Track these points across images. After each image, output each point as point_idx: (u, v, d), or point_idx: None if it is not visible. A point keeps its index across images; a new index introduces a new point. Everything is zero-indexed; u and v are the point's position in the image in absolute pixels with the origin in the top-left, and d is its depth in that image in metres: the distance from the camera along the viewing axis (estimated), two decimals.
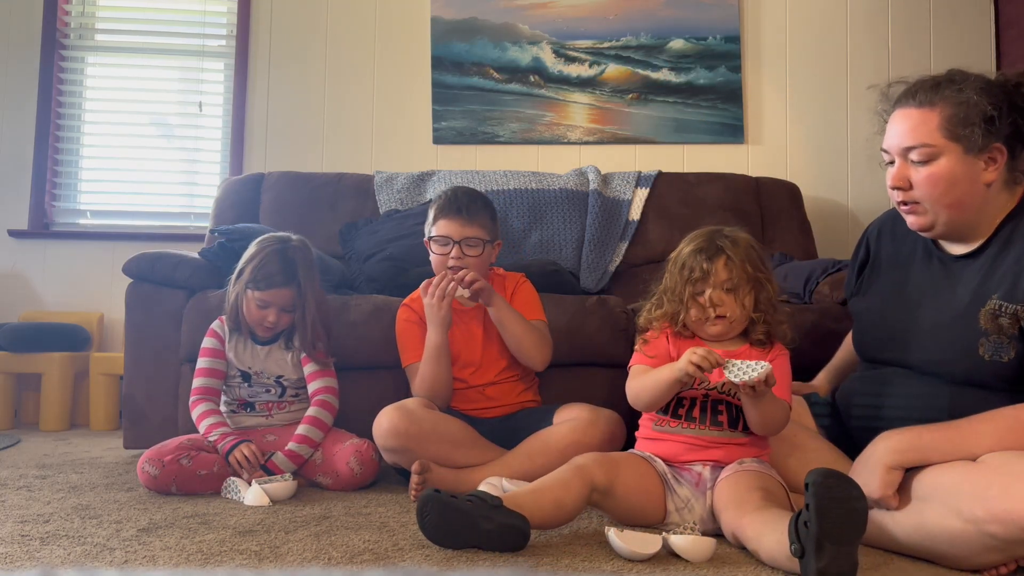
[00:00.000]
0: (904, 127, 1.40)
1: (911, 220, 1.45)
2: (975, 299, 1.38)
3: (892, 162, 1.44)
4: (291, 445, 1.88)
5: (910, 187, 1.40)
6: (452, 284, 1.86)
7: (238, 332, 1.98)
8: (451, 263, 1.91)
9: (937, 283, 1.47)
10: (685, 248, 1.56)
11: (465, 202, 1.94)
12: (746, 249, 1.52)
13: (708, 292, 1.50)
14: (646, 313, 1.61)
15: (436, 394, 1.88)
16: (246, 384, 1.97)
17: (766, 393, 1.39)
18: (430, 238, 1.98)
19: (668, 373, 1.45)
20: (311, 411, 1.93)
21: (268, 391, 1.98)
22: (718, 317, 1.50)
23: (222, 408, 1.98)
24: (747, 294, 1.51)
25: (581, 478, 1.42)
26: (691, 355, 1.38)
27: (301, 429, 1.90)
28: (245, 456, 1.81)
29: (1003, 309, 1.33)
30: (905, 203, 1.43)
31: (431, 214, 1.99)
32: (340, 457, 1.86)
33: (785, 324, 1.55)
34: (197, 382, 1.96)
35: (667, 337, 1.57)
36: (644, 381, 1.51)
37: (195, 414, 1.92)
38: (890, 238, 1.61)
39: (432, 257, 1.98)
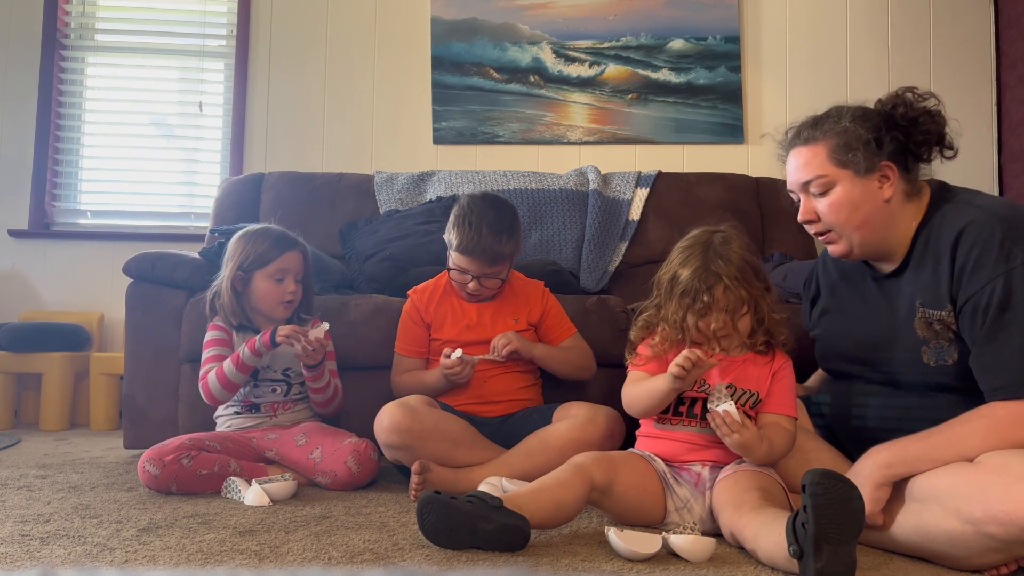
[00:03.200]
0: (797, 164, 1.49)
1: (831, 249, 1.52)
2: (908, 311, 1.43)
3: (799, 200, 1.51)
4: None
5: (818, 219, 1.48)
6: (472, 369, 1.89)
7: (243, 331, 1.98)
8: (470, 288, 1.94)
9: (876, 302, 1.52)
10: (682, 271, 1.52)
11: (489, 243, 1.87)
12: (740, 267, 1.50)
13: (713, 324, 1.50)
14: (638, 331, 1.60)
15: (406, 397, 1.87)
16: (252, 383, 1.98)
17: (745, 443, 1.40)
18: (448, 267, 1.98)
19: (663, 383, 1.46)
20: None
21: (274, 391, 1.98)
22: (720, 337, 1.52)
23: (227, 410, 1.99)
24: (743, 316, 1.52)
25: (580, 477, 1.42)
26: (673, 366, 1.42)
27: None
28: (286, 335, 1.84)
29: (932, 316, 1.38)
30: (820, 233, 1.50)
31: (454, 237, 1.92)
32: (338, 456, 1.86)
33: (785, 332, 1.56)
34: (206, 368, 1.94)
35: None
36: (640, 389, 1.52)
37: (211, 376, 1.90)
38: (835, 265, 1.65)
39: (451, 274, 1.98)
